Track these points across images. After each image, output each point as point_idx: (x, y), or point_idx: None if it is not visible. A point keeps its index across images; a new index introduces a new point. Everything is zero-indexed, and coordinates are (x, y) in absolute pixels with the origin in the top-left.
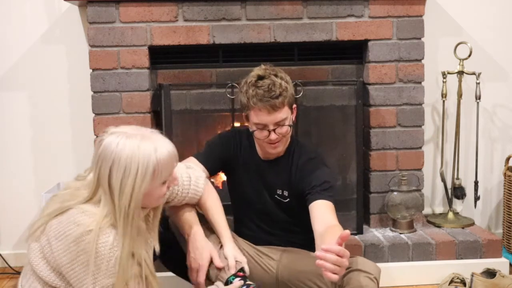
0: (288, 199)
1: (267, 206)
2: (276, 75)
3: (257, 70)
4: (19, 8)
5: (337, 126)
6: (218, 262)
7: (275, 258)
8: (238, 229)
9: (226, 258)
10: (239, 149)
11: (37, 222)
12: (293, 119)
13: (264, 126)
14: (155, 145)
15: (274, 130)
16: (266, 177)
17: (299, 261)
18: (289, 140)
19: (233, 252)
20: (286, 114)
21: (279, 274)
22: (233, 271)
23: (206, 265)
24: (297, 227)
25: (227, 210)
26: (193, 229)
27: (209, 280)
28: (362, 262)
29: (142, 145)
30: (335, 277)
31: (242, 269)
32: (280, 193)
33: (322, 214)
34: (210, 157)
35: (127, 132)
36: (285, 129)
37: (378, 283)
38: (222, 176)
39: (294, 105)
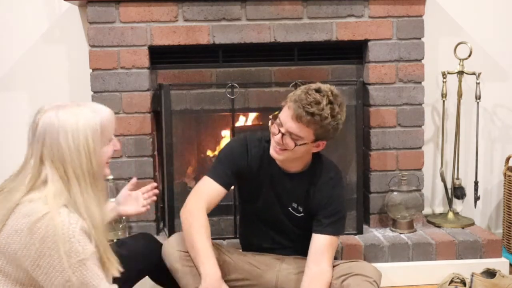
0: (302, 214)
1: (277, 217)
2: (331, 102)
3: (323, 85)
4: (19, 8)
5: None
6: None
7: (273, 269)
8: (243, 231)
9: None
10: (251, 160)
11: None
12: (312, 150)
13: (280, 124)
14: (92, 108)
15: (283, 134)
16: (281, 189)
17: (299, 270)
18: (295, 157)
19: None
20: (303, 134)
21: (279, 283)
22: None
23: None
24: (304, 238)
25: (229, 210)
26: (205, 266)
27: None
28: (362, 266)
29: (81, 110)
30: None
31: None
32: (295, 207)
33: (320, 253)
34: (223, 174)
35: (59, 105)
36: (290, 144)
37: (378, 287)
38: None
39: (322, 142)
